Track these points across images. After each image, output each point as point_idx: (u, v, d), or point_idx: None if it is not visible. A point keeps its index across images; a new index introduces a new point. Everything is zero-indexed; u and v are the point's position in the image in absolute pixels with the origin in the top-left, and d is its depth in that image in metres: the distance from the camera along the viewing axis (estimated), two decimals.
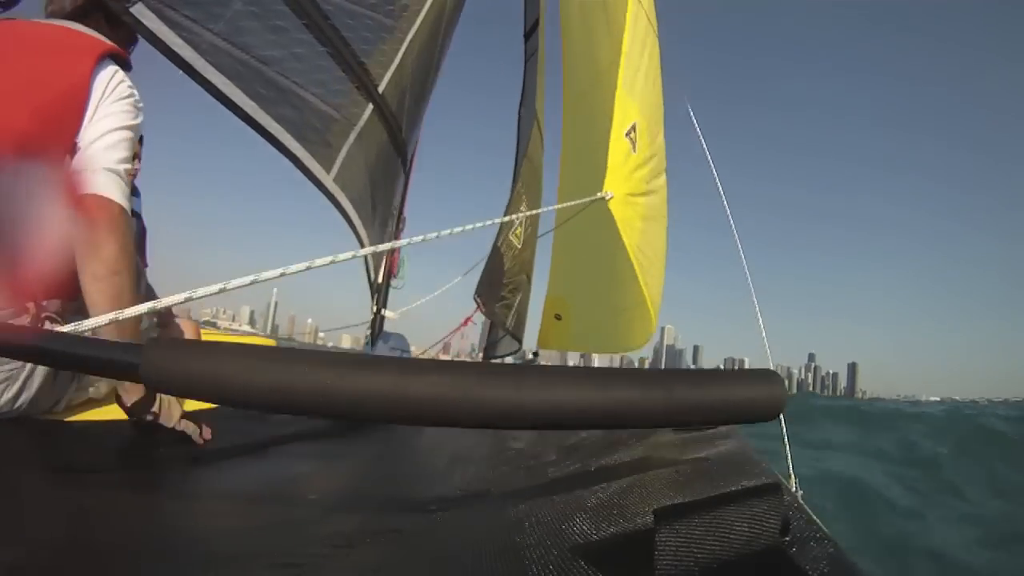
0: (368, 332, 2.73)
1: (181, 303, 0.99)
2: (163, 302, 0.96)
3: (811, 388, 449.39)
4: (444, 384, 0.45)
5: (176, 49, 1.48)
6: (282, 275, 1.08)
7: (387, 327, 2.82)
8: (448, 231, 1.45)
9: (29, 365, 1.03)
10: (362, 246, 2.29)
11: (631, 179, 2.26)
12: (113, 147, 1.08)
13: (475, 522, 0.62)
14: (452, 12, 2.51)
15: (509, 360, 3.51)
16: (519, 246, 3.32)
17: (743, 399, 0.50)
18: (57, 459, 0.86)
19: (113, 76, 1.13)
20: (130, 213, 1.07)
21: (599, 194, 2.08)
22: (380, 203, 2.37)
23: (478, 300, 3.01)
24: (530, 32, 3.65)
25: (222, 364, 0.47)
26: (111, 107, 1.11)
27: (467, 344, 3.28)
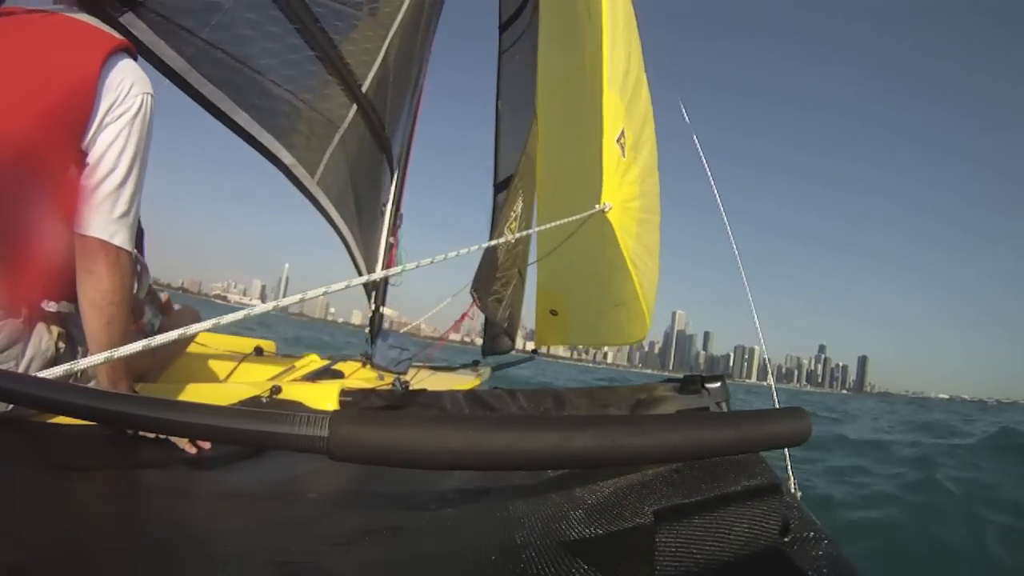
0: (368, 330, 2.75)
1: (175, 339, 0.98)
2: (157, 339, 0.94)
3: (820, 380, 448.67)
4: (583, 437, 0.51)
5: (168, 61, 1.47)
6: (275, 308, 1.09)
7: (386, 324, 2.84)
8: (443, 256, 1.44)
9: (25, 357, 1.03)
10: (346, 245, 2.29)
11: (624, 185, 2.24)
12: (121, 187, 1.04)
13: (475, 521, 0.63)
14: (433, 3, 2.46)
15: (509, 358, 3.54)
16: (513, 241, 3.33)
17: (783, 433, 0.57)
18: (52, 461, 0.85)
19: (124, 79, 1.05)
20: (131, 249, 1.07)
21: (597, 207, 2.05)
22: (364, 201, 2.35)
23: (474, 294, 3.03)
24: (507, 24, 3.55)
25: (403, 434, 0.51)
26: (124, 125, 1.04)
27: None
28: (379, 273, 1.26)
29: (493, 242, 2.11)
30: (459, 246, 1.47)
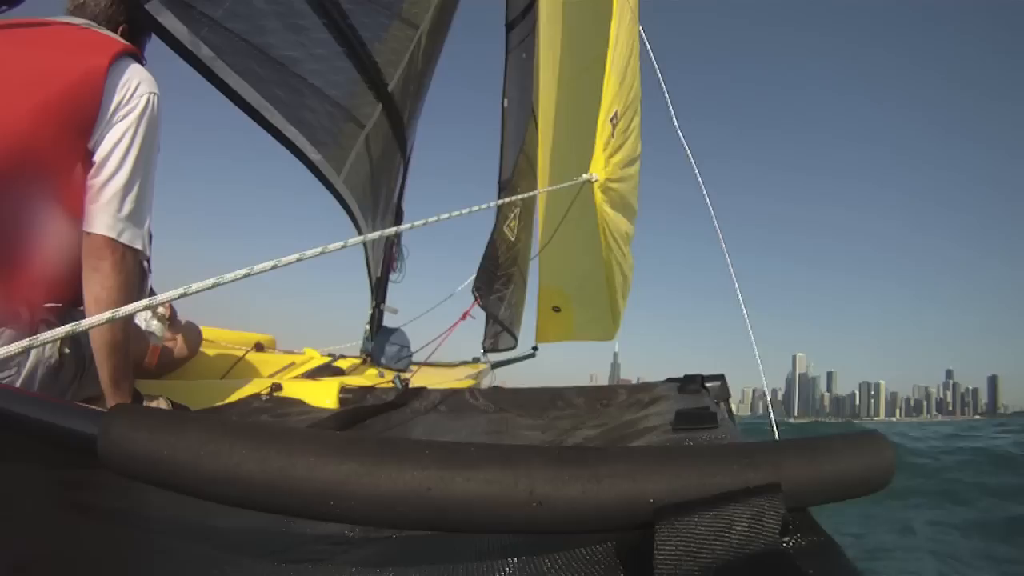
0: (367, 328, 2.72)
1: (176, 299, 0.96)
2: (159, 298, 0.92)
3: (951, 407, 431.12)
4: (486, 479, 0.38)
5: (192, 49, 1.42)
6: (274, 267, 1.05)
7: (386, 322, 2.82)
8: (447, 215, 1.42)
9: (27, 364, 1.03)
10: (364, 245, 2.27)
11: (609, 165, 2.29)
12: (128, 185, 1.04)
13: None
14: (452, 7, 2.45)
15: (510, 356, 3.56)
16: (513, 239, 3.34)
17: (852, 471, 0.42)
18: (55, 459, 0.86)
19: (131, 78, 1.07)
20: (138, 248, 1.07)
21: (584, 176, 2.09)
22: (382, 199, 2.35)
23: (476, 293, 3.03)
24: (513, 24, 3.57)
25: (191, 447, 0.40)
26: (131, 123, 1.05)
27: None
28: (363, 237, 1.23)
29: (501, 201, 2.11)
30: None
